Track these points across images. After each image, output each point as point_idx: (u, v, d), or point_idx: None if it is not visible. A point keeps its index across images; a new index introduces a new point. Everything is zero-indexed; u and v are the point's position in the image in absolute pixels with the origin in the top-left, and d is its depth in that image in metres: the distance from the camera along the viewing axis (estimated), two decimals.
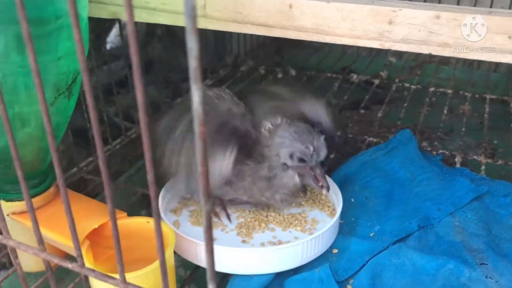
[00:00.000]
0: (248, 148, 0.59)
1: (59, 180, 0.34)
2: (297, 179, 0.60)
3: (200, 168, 0.26)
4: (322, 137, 0.59)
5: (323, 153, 0.59)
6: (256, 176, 0.60)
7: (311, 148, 0.57)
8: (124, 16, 0.66)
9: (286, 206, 0.68)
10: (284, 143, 0.58)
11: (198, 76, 0.24)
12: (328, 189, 0.60)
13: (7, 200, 0.54)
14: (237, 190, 0.62)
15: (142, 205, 0.79)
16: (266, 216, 0.66)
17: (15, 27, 0.44)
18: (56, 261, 0.39)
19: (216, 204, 0.67)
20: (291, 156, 0.58)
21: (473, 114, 1.05)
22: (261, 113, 0.63)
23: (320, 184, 0.59)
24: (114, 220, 0.33)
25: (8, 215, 0.55)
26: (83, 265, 0.39)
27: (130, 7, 0.25)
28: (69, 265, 0.39)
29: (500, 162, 0.85)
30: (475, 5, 1.11)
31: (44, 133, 0.52)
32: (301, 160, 0.58)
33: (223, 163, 0.56)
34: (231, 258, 0.57)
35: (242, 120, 0.61)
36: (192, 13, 0.23)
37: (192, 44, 0.24)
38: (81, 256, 0.38)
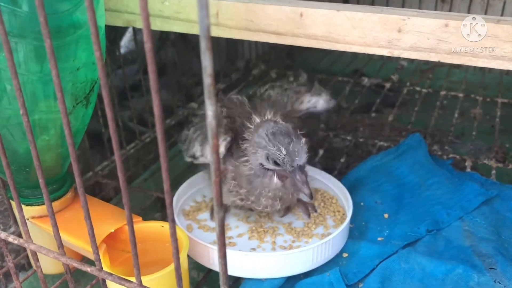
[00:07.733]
0: (234, 142, 0.60)
1: (79, 190, 0.35)
2: (276, 180, 0.58)
3: (213, 178, 0.28)
4: (302, 140, 0.56)
5: (300, 158, 0.55)
6: (237, 172, 0.60)
7: (283, 152, 0.55)
8: (138, 24, 0.67)
9: (279, 214, 0.67)
10: (261, 143, 0.56)
11: (212, 93, 0.25)
12: (310, 196, 0.57)
13: (27, 205, 0.56)
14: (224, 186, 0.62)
15: (156, 208, 0.81)
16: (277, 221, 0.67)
17: (34, 40, 0.46)
18: (75, 265, 0.41)
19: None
20: (267, 158, 0.57)
21: (485, 117, 1.05)
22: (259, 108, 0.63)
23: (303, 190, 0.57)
24: (131, 227, 0.34)
25: (27, 219, 0.56)
26: (101, 268, 0.40)
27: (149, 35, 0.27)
28: (88, 269, 0.40)
29: (511, 166, 0.85)
30: (486, 10, 1.11)
31: (62, 140, 0.53)
32: (276, 163, 0.56)
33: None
34: (243, 262, 0.58)
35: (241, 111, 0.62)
36: (206, 34, 0.24)
37: (206, 62, 0.25)
38: (99, 260, 0.40)
